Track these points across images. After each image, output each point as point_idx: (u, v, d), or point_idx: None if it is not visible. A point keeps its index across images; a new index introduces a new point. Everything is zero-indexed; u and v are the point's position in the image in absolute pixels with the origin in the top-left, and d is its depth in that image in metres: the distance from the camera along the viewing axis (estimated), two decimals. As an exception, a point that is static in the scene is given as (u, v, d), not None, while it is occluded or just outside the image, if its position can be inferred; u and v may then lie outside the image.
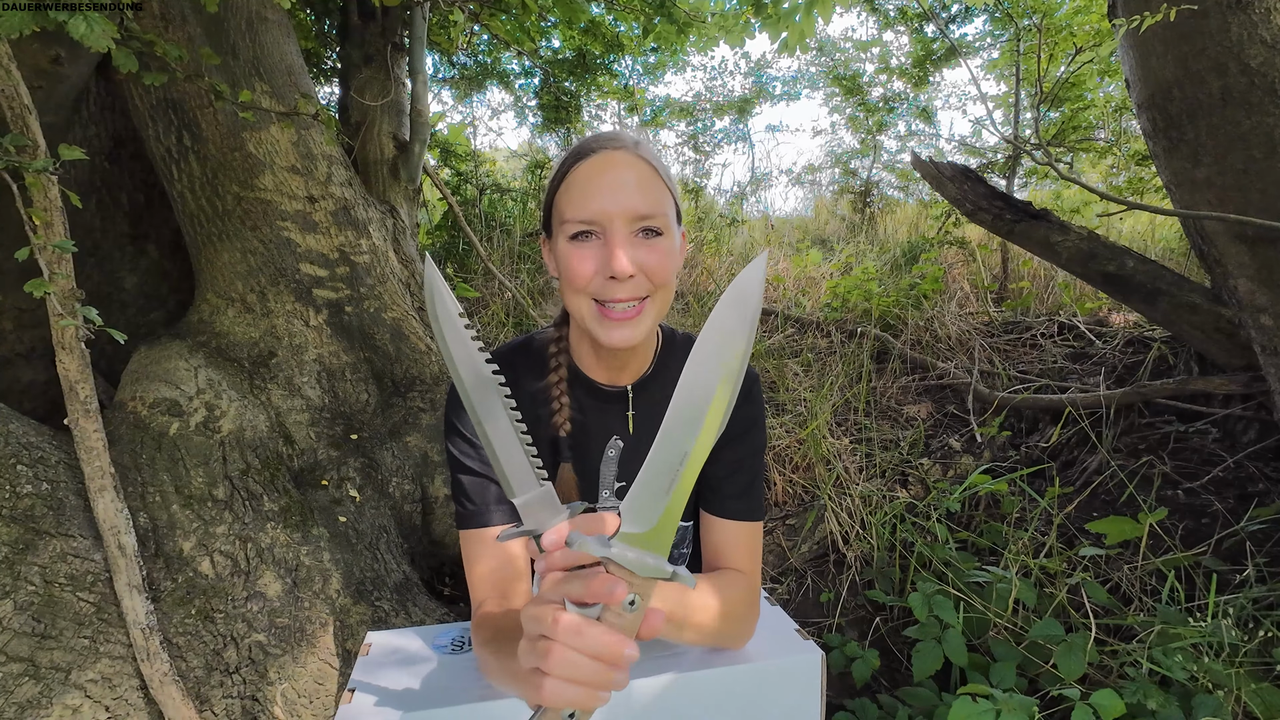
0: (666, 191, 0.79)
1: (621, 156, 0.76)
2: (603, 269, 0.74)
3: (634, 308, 0.76)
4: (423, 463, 1.84)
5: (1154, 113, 1.79)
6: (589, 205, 0.75)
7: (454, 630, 0.97)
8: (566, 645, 0.47)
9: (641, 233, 0.76)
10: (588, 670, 0.47)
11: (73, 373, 1.20)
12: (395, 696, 0.77)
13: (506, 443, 0.55)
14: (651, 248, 0.76)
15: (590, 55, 4.01)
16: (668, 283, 0.78)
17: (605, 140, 0.78)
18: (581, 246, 0.76)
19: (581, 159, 0.77)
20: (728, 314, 0.49)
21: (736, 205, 6.40)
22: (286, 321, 1.82)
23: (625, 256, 0.73)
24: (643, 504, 0.50)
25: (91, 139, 1.93)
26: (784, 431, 2.55)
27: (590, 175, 0.76)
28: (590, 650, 0.47)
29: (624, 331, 0.76)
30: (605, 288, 0.75)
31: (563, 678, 0.47)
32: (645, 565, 0.48)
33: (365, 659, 0.86)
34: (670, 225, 0.78)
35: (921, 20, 4.71)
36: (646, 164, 0.77)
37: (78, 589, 1.21)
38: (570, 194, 0.77)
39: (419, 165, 2.83)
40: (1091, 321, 3.17)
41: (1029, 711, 1.12)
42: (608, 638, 0.47)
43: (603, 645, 0.47)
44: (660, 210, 0.76)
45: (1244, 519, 1.71)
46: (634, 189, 0.75)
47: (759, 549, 0.91)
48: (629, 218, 0.74)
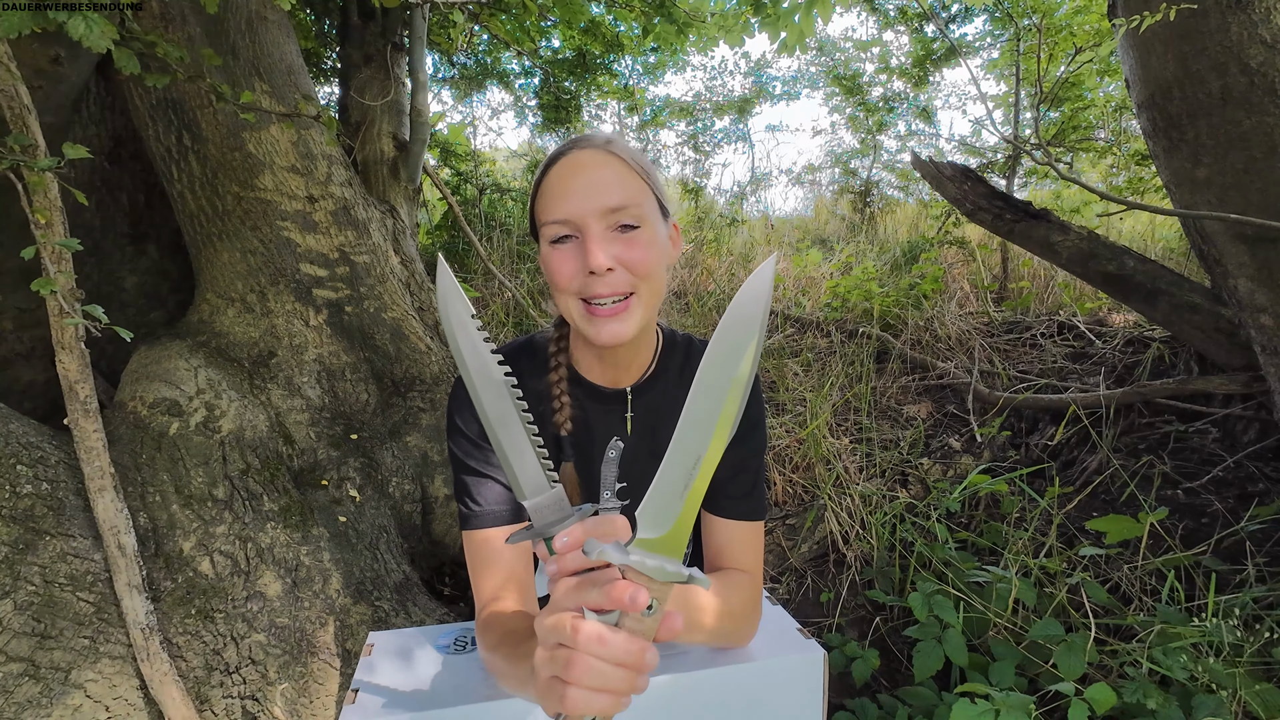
0: (643, 184, 0.79)
1: (590, 155, 0.77)
2: (581, 267, 0.75)
3: (621, 303, 0.77)
4: (423, 463, 1.84)
5: (1154, 112, 1.79)
6: (563, 206, 0.76)
7: (455, 630, 0.97)
8: (589, 654, 0.47)
9: (619, 228, 0.76)
10: (613, 678, 0.47)
11: (73, 373, 1.20)
12: (400, 697, 0.77)
13: (518, 445, 0.55)
14: (629, 241, 0.76)
15: (590, 55, 4.02)
16: (651, 275, 0.78)
17: (575, 142, 0.80)
18: (561, 249, 0.77)
19: (553, 164, 0.79)
20: (738, 319, 0.49)
21: (736, 205, 6.40)
22: (286, 321, 1.82)
23: (601, 252, 0.74)
24: (659, 509, 0.50)
25: (91, 139, 1.93)
26: (784, 431, 2.55)
27: (562, 177, 0.77)
28: (614, 658, 0.47)
29: (612, 327, 0.77)
30: (587, 284, 0.76)
31: (588, 687, 0.47)
32: (664, 571, 0.48)
33: (368, 659, 0.86)
34: (650, 218, 0.78)
35: (921, 20, 4.71)
36: (618, 159, 0.78)
37: (78, 589, 1.21)
38: (545, 198, 0.78)
39: (419, 165, 2.83)
40: (1091, 321, 3.17)
41: (1026, 710, 1.12)
42: (630, 644, 0.48)
43: (625, 652, 0.47)
44: (635, 202, 0.76)
45: (1244, 519, 1.71)
46: (605, 186, 0.75)
47: (761, 548, 0.92)
48: (602, 214, 0.75)
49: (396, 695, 0.77)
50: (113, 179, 1.98)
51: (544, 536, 0.54)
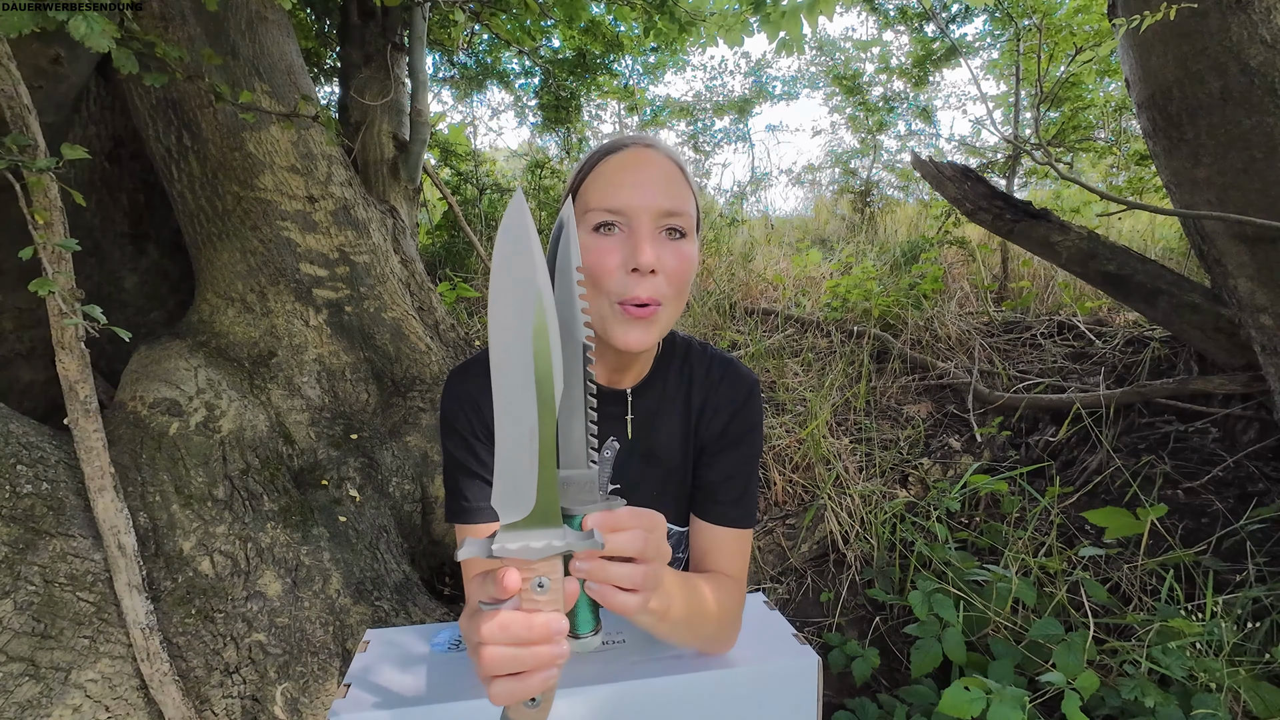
0: (692, 198, 0.79)
1: (653, 154, 0.76)
2: (626, 261, 0.73)
3: (650, 310, 0.75)
4: (423, 462, 1.84)
5: (1154, 112, 1.79)
6: (618, 195, 0.74)
7: (453, 629, 0.97)
8: (492, 644, 0.48)
9: (667, 232, 0.75)
10: (524, 658, 0.48)
11: (73, 373, 1.20)
12: (389, 693, 0.77)
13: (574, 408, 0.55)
14: (675, 249, 0.75)
15: (590, 55, 4.02)
16: (683, 290, 0.77)
17: (638, 138, 0.79)
18: (605, 239, 0.74)
19: (613, 152, 0.77)
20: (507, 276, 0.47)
21: (736, 205, 6.40)
22: (286, 321, 1.82)
23: (651, 250, 0.72)
24: (512, 491, 0.49)
25: (91, 139, 1.93)
26: (784, 431, 2.55)
27: (621, 167, 0.75)
28: (515, 639, 0.48)
29: (639, 332, 0.75)
30: (628, 284, 0.73)
31: (501, 675, 0.49)
32: (531, 549, 0.49)
33: (363, 655, 0.86)
34: (693, 231, 0.78)
35: (921, 20, 4.71)
36: (676, 166, 0.77)
37: (78, 589, 1.21)
38: (598, 184, 0.76)
39: (419, 165, 2.84)
40: (1091, 321, 3.17)
41: (1020, 702, 1.12)
42: (527, 621, 0.48)
43: (526, 629, 0.48)
44: (686, 211, 0.76)
45: (1244, 519, 1.71)
46: (664, 186, 0.74)
47: (747, 557, 0.90)
48: (656, 213, 0.74)
49: (388, 691, 0.77)
50: (113, 179, 1.98)
51: (568, 512, 0.54)
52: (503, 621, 0.48)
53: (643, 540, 0.55)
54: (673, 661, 0.81)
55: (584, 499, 0.55)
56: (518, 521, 0.49)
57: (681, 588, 0.71)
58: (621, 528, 0.54)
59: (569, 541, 0.49)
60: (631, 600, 0.55)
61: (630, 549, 0.54)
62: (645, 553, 0.55)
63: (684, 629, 0.73)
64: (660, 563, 0.59)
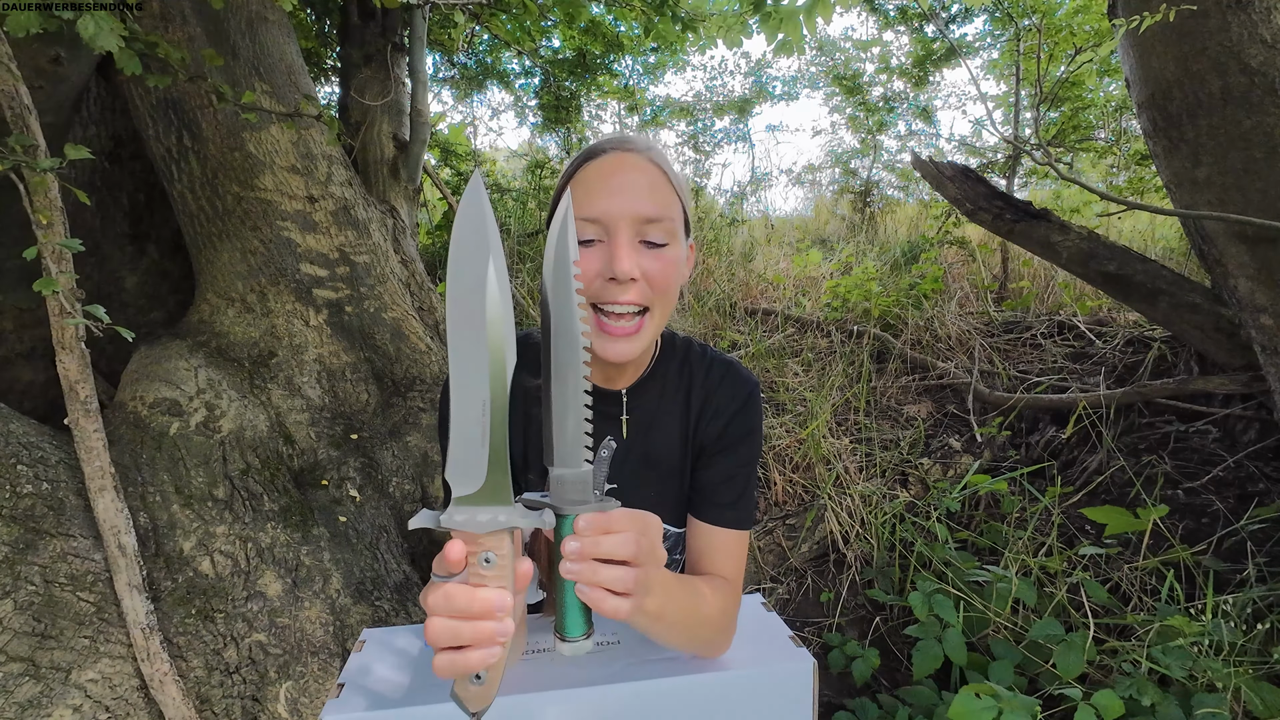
0: (676, 200, 0.77)
1: (632, 159, 0.75)
2: (604, 270, 0.72)
3: (635, 323, 0.75)
4: (423, 462, 1.84)
5: (1154, 112, 1.79)
6: (595, 204, 0.73)
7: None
8: (437, 615, 0.49)
9: (648, 239, 0.74)
10: (465, 631, 0.49)
11: (73, 373, 1.20)
12: (383, 692, 0.76)
13: (569, 404, 0.55)
14: (656, 255, 0.74)
15: (590, 55, 4.02)
16: (669, 293, 0.76)
17: (617, 142, 0.77)
18: (585, 249, 0.73)
19: (591, 159, 0.76)
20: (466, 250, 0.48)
21: (736, 205, 6.40)
22: (286, 321, 1.82)
23: (628, 259, 0.71)
24: (464, 464, 0.50)
25: (91, 139, 1.93)
26: (784, 431, 2.55)
27: (599, 175, 0.74)
28: (457, 611, 0.49)
29: (621, 346, 0.75)
30: (605, 290, 0.73)
31: (444, 646, 0.49)
32: (477, 523, 0.49)
33: (358, 654, 0.86)
34: (677, 236, 0.77)
35: (921, 20, 4.71)
36: (658, 169, 0.76)
37: (78, 589, 1.21)
38: (577, 192, 0.74)
39: (419, 165, 2.83)
40: (1091, 321, 3.17)
41: (1031, 711, 1.12)
42: (470, 594, 0.49)
43: (467, 602, 0.49)
44: (668, 216, 0.74)
45: (1244, 519, 1.71)
46: (642, 191, 0.73)
47: (744, 559, 0.89)
48: (634, 220, 0.72)
49: (381, 691, 0.77)
50: (113, 179, 1.98)
51: (559, 511, 0.54)
52: (448, 592, 0.49)
53: (635, 543, 0.54)
54: (668, 664, 0.80)
55: (578, 498, 0.55)
56: (468, 495, 0.50)
57: (677, 590, 0.70)
58: (614, 530, 0.54)
59: (513, 518, 0.49)
60: (622, 604, 0.54)
61: (622, 552, 0.54)
62: (637, 556, 0.55)
63: (679, 631, 0.71)
64: (653, 566, 0.58)
